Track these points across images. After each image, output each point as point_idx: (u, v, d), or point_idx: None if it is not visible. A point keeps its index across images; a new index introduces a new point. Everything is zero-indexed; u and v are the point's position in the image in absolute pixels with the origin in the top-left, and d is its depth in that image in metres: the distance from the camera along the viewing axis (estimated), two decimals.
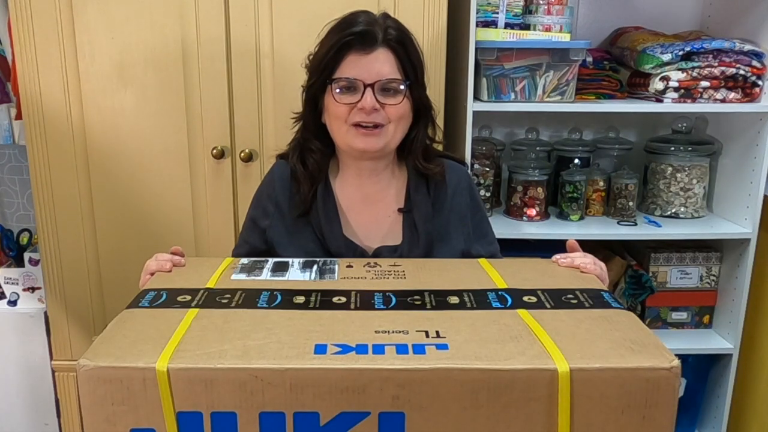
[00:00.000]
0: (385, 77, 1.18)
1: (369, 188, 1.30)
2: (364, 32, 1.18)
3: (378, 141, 1.21)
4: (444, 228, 1.29)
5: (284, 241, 1.27)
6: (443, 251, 1.27)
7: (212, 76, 1.73)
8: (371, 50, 1.18)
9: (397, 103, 1.20)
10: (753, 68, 1.81)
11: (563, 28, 1.80)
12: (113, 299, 1.85)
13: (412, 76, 1.22)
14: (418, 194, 1.28)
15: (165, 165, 1.78)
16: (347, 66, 1.19)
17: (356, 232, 1.28)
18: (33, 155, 1.75)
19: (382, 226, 1.29)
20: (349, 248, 1.25)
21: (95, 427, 0.81)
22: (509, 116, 2.14)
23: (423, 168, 1.28)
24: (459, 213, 1.31)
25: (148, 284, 1.07)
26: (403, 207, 1.29)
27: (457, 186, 1.32)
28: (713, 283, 2.01)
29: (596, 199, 2.00)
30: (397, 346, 0.83)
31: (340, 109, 1.20)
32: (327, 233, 1.25)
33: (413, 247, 1.25)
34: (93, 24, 1.69)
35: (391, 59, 1.20)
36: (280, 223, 1.28)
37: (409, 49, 1.22)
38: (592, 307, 0.97)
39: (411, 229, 1.27)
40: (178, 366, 0.79)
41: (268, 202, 1.30)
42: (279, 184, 1.30)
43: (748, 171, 1.88)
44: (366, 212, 1.29)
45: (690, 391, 2.04)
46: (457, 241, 1.29)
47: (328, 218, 1.26)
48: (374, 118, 1.19)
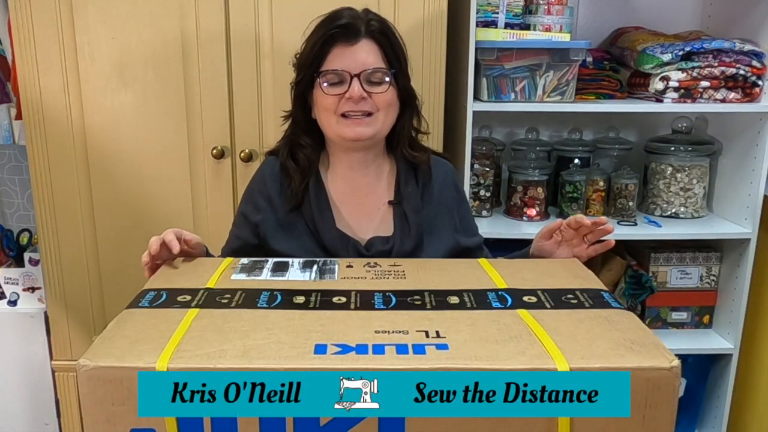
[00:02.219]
0: (371, 67, 1.21)
1: (359, 180, 1.32)
2: (347, 25, 1.21)
3: (368, 129, 1.23)
4: (433, 220, 1.32)
5: (277, 234, 1.28)
6: (433, 243, 1.30)
7: (212, 76, 1.73)
8: (355, 41, 1.22)
9: (384, 92, 1.23)
10: (753, 68, 1.81)
11: (563, 28, 1.80)
12: (113, 299, 1.85)
13: (396, 66, 1.25)
14: (408, 186, 1.31)
15: (165, 165, 1.78)
16: (333, 58, 1.22)
17: (349, 224, 1.30)
18: (33, 155, 1.75)
19: (374, 218, 1.31)
20: (342, 240, 1.26)
21: (95, 427, 0.81)
22: (509, 116, 2.14)
23: (410, 156, 1.31)
24: (447, 205, 1.34)
25: (148, 284, 1.07)
26: (393, 199, 1.31)
27: (444, 180, 1.35)
28: (713, 283, 2.01)
29: (596, 199, 2.00)
30: (397, 346, 0.83)
31: (329, 101, 1.22)
32: (320, 226, 1.26)
33: (404, 238, 1.28)
34: (93, 24, 1.69)
35: (375, 49, 1.23)
36: (273, 217, 1.30)
37: (392, 40, 1.26)
38: (592, 307, 0.97)
39: (402, 220, 1.29)
40: (178, 366, 0.79)
41: (259, 198, 1.32)
42: (270, 180, 1.31)
43: (748, 171, 1.88)
44: (357, 204, 1.32)
45: (690, 391, 2.04)
46: (445, 233, 1.32)
47: (320, 211, 1.27)
48: (362, 107, 1.22)
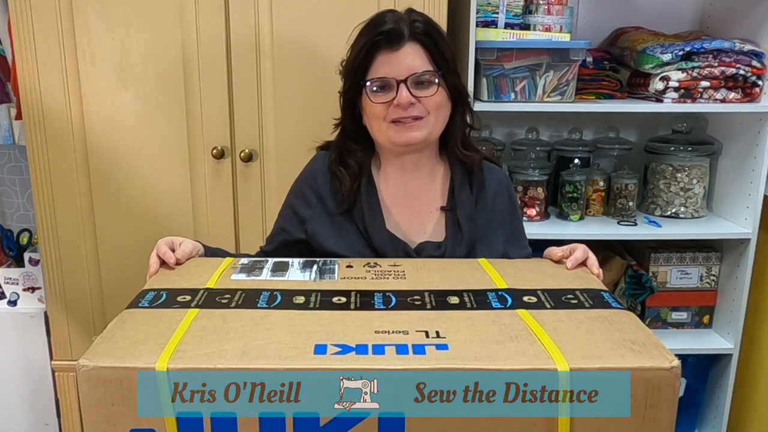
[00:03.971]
0: (417, 71, 1.19)
1: (411, 183, 1.30)
2: (390, 30, 1.19)
3: (419, 133, 1.21)
4: (485, 228, 1.29)
5: (326, 231, 1.27)
6: (484, 251, 1.27)
7: (212, 76, 1.73)
8: (399, 46, 1.19)
9: (432, 94, 1.20)
10: (753, 68, 1.81)
11: (563, 28, 1.80)
12: (113, 299, 1.85)
13: (443, 66, 1.23)
14: (462, 193, 1.28)
15: (165, 165, 1.78)
16: (378, 66, 1.20)
17: (399, 226, 1.28)
18: (33, 155, 1.75)
19: (425, 222, 1.29)
20: (393, 243, 1.25)
21: (95, 427, 0.81)
22: (509, 116, 2.14)
23: (462, 155, 1.29)
24: (500, 214, 1.32)
25: (148, 284, 1.07)
26: (446, 205, 1.29)
27: (498, 187, 1.32)
28: (713, 283, 2.01)
29: (596, 199, 2.00)
30: (397, 346, 0.83)
31: (378, 109, 1.21)
32: (371, 227, 1.25)
33: (456, 245, 1.25)
34: (93, 24, 1.69)
35: (420, 52, 1.20)
36: (324, 215, 1.28)
37: (437, 40, 1.23)
38: (592, 307, 0.97)
39: (455, 227, 1.27)
40: (178, 366, 0.79)
41: (310, 193, 1.30)
42: (321, 176, 1.30)
43: (748, 171, 1.88)
44: (408, 207, 1.30)
45: (690, 391, 2.04)
46: (497, 242, 1.30)
47: (371, 212, 1.26)
48: (411, 112, 1.20)
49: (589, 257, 1.16)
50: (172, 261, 1.13)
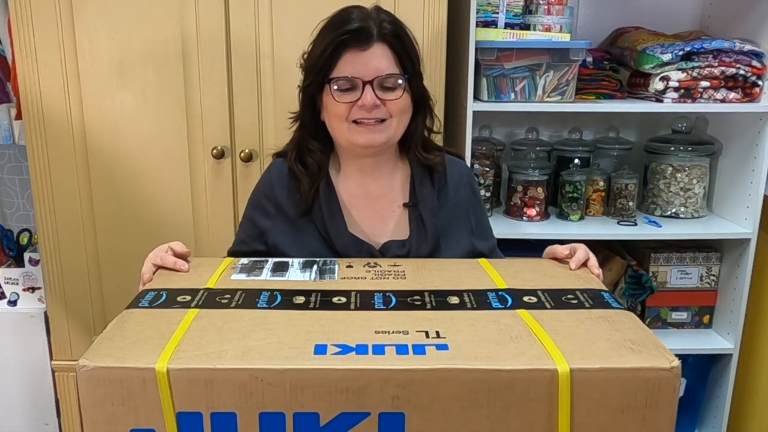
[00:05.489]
0: (384, 73, 1.17)
1: (371, 184, 1.29)
2: (359, 29, 1.17)
3: (381, 135, 1.20)
4: (449, 222, 1.28)
5: (287, 240, 1.26)
6: (450, 245, 1.26)
7: (212, 75, 1.73)
8: (368, 47, 1.17)
9: (398, 98, 1.19)
10: (753, 68, 1.81)
11: (563, 28, 1.80)
12: (113, 299, 1.85)
13: (410, 69, 1.21)
14: (423, 188, 1.27)
15: (165, 165, 1.78)
16: (344, 64, 1.18)
17: (361, 228, 1.27)
18: (33, 155, 1.75)
19: (388, 222, 1.28)
20: (356, 245, 1.23)
21: (95, 427, 0.81)
22: (509, 116, 2.14)
23: (423, 159, 1.28)
24: (463, 207, 1.31)
25: (148, 284, 1.07)
26: (408, 201, 1.28)
27: (460, 180, 1.31)
28: (713, 283, 2.01)
29: (596, 199, 2.00)
30: (397, 346, 0.83)
31: (340, 108, 1.19)
32: (331, 230, 1.23)
33: (421, 241, 1.24)
34: (93, 24, 1.69)
35: (388, 54, 1.19)
36: (283, 224, 1.27)
37: (405, 42, 1.21)
38: (592, 308, 0.97)
39: (418, 223, 1.26)
40: (178, 366, 0.79)
41: (267, 203, 1.29)
42: (277, 184, 1.28)
43: (748, 171, 1.88)
44: (370, 208, 1.28)
45: (690, 391, 2.04)
46: (462, 235, 1.29)
47: (331, 215, 1.24)
48: (375, 114, 1.18)
49: (589, 258, 1.16)
50: (176, 263, 1.11)
